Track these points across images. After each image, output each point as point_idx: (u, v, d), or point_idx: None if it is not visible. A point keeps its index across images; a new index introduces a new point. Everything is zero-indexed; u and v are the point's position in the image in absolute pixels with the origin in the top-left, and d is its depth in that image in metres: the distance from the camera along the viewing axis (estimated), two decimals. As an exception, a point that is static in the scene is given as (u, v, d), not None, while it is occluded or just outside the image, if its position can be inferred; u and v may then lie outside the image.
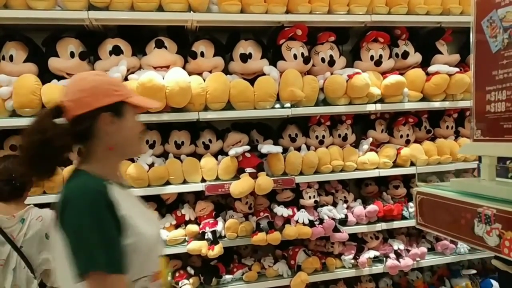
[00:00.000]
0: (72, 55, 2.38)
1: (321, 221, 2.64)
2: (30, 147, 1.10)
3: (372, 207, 2.77)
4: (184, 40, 2.57)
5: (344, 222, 2.76)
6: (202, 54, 2.53)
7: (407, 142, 2.91)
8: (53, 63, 2.35)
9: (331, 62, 2.64)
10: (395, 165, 2.83)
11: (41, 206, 2.17)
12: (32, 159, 1.11)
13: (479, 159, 0.87)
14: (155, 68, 2.45)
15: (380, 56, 2.76)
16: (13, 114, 2.25)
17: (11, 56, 2.31)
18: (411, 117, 2.91)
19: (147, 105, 1.34)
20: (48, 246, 1.90)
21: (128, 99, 1.22)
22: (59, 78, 2.37)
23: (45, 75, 2.35)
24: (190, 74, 2.41)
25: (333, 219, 2.67)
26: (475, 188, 0.83)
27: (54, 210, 1.12)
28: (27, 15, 2.22)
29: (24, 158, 1.13)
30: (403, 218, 2.86)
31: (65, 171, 1.93)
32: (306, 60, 2.55)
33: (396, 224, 2.84)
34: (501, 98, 0.76)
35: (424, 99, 2.80)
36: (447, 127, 3.03)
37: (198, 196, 2.68)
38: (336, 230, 2.65)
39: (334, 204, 2.85)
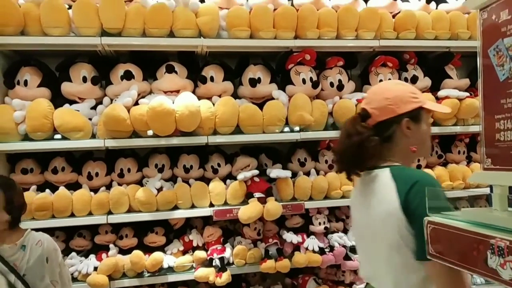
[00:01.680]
0: (84, 79, 2.43)
1: (332, 248, 2.59)
2: (349, 148, 1.31)
3: (383, 234, 2.70)
4: (194, 65, 2.61)
5: (355, 249, 2.69)
6: (212, 79, 2.56)
7: (419, 167, 2.86)
8: (66, 88, 2.41)
9: (340, 87, 2.65)
10: (407, 190, 2.77)
11: (48, 230, 2.17)
12: (350, 158, 1.32)
13: (490, 187, 0.84)
14: (165, 92, 2.48)
15: (389, 80, 2.75)
16: (25, 138, 2.28)
17: (25, 81, 2.37)
18: (422, 141, 2.86)
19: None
20: (49, 270, 1.86)
21: (424, 105, 1.36)
22: (71, 102, 2.42)
23: (58, 99, 2.40)
24: (199, 98, 2.44)
25: (344, 246, 2.61)
26: (487, 218, 0.80)
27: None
28: (43, 41, 2.29)
29: (341, 158, 1.38)
30: (416, 245, 2.78)
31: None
32: (315, 85, 2.56)
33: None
34: (511, 127, 0.74)
35: (434, 123, 2.77)
36: (459, 152, 2.98)
37: (206, 221, 2.66)
38: (347, 258, 2.59)
39: (345, 231, 2.79)
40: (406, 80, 2.83)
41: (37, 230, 2.30)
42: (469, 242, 0.82)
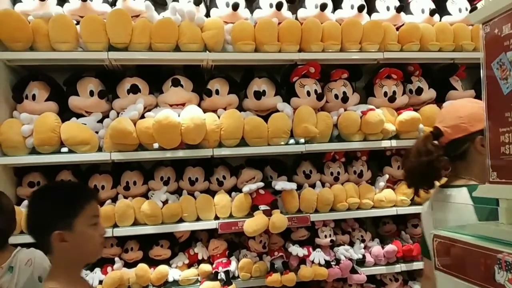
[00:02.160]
0: (91, 93, 2.46)
1: (338, 261, 2.56)
2: (418, 167, 1.33)
3: (390, 247, 2.67)
4: (199, 78, 2.64)
5: (361, 262, 2.67)
6: (217, 92, 2.58)
7: (425, 179, 2.84)
8: (73, 102, 2.43)
9: (345, 99, 2.65)
10: (413, 203, 2.75)
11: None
12: (419, 176, 1.35)
13: (497, 201, 0.84)
14: (171, 105, 2.50)
15: (394, 92, 2.76)
16: (32, 151, 2.30)
17: (34, 95, 2.40)
18: (428, 153, 2.85)
19: None
20: None
21: None
22: (78, 116, 2.45)
23: (65, 113, 2.42)
24: (205, 111, 2.45)
25: (350, 259, 2.58)
26: (493, 232, 0.79)
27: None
28: (51, 56, 2.32)
29: (410, 175, 1.42)
30: (424, 258, 2.75)
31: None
32: (320, 97, 2.57)
33: (416, 265, 2.72)
34: (515, 140, 0.74)
35: (440, 135, 2.76)
36: (466, 163, 2.96)
37: (211, 234, 2.65)
38: (353, 271, 2.56)
39: (351, 244, 2.77)
40: (411, 91, 2.83)
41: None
42: (476, 257, 0.81)
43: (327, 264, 2.51)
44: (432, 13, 2.80)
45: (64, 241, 1.28)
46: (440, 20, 2.88)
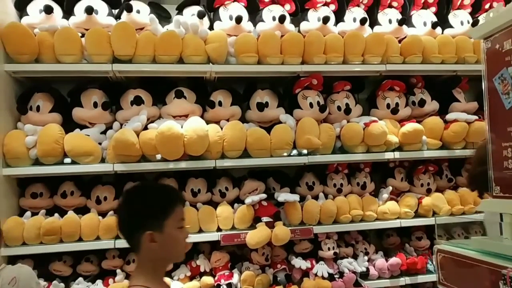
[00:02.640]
0: (95, 105, 2.47)
1: (341, 274, 2.53)
2: (480, 174, 1.30)
3: (394, 260, 2.64)
4: (203, 90, 2.65)
5: (365, 275, 2.64)
6: (220, 104, 2.59)
7: (428, 191, 2.82)
8: (77, 113, 2.45)
9: (347, 110, 2.66)
10: (417, 215, 2.74)
11: (56, 255, 2.17)
12: (482, 183, 1.31)
13: (500, 215, 0.83)
14: (174, 117, 2.51)
15: (397, 104, 2.76)
16: (36, 162, 2.31)
17: (38, 106, 2.42)
18: (432, 165, 2.84)
19: None
20: None
21: None
22: (82, 127, 2.46)
23: (69, 125, 2.44)
24: (208, 122, 2.46)
25: (354, 272, 2.55)
26: (497, 247, 0.79)
27: None
28: (56, 68, 2.35)
29: (474, 181, 1.56)
30: (428, 272, 2.71)
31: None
32: (322, 109, 2.58)
33: (421, 279, 2.69)
34: (518, 155, 0.74)
35: (443, 147, 2.76)
36: (470, 175, 2.94)
37: (214, 246, 2.63)
38: (357, 284, 2.53)
39: (355, 256, 2.74)
40: (413, 103, 2.84)
41: (45, 255, 2.33)
42: (480, 272, 0.80)
43: (331, 277, 2.48)
44: (434, 26, 2.82)
45: (153, 241, 1.29)
46: (442, 33, 2.90)
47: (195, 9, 2.66)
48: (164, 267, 1.45)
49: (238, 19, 2.53)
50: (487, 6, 2.98)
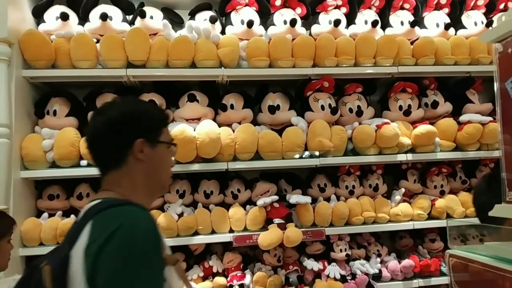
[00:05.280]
0: (110, 109, 2.52)
1: (354, 276, 2.53)
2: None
3: (407, 262, 2.63)
4: (215, 93, 2.68)
5: (378, 277, 2.63)
6: (232, 107, 2.62)
7: (442, 193, 2.80)
8: (93, 117, 2.49)
9: (359, 113, 2.66)
10: (430, 217, 2.72)
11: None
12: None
13: (513, 221, 0.83)
14: (187, 120, 2.54)
15: (409, 106, 2.75)
16: (53, 165, 2.37)
17: (54, 110, 2.48)
18: (445, 167, 2.82)
19: None
20: None
21: None
22: (97, 130, 2.50)
23: (85, 128, 2.48)
24: (220, 125, 2.48)
25: (366, 274, 2.55)
26: (510, 253, 0.78)
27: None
28: (72, 73, 2.41)
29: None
30: (442, 274, 2.69)
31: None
32: (334, 111, 2.58)
33: (434, 281, 2.67)
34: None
35: (457, 148, 2.73)
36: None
37: (226, 247, 2.66)
38: (369, 286, 2.52)
39: (367, 258, 2.73)
40: (426, 105, 2.82)
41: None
42: (493, 278, 0.80)
43: (343, 279, 2.49)
44: (447, 27, 2.80)
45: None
46: (455, 34, 2.87)
47: (207, 14, 2.70)
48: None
49: (250, 23, 2.55)
50: (501, 6, 2.95)
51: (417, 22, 2.76)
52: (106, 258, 0.87)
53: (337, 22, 2.63)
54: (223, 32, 2.67)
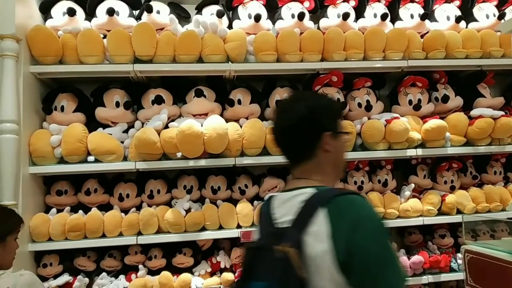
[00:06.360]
0: (117, 104, 2.52)
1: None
2: None
3: (417, 258, 2.60)
4: (222, 88, 2.67)
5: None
6: (239, 102, 2.60)
7: (452, 189, 2.76)
8: (100, 113, 2.50)
9: (368, 107, 2.62)
10: (440, 212, 2.69)
11: (80, 250, 2.21)
12: None
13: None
14: (194, 115, 2.53)
15: (419, 100, 2.71)
16: (61, 160, 2.37)
17: (62, 106, 2.48)
18: (455, 162, 2.78)
19: None
20: None
21: None
22: (105, 126, 2.51)
23: (92, 124, 2.49)
24: (227, 121, 2.47)
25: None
26: (528, 249, 0.76)
27: None
28: (79, 69, 2.40)
29: None
30: (452, 270, 2.66)
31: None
32: (342, 106, 2.55)
33: (444, 277, 2.64)
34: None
35: (468, 143, 2.69)
36: (495, 172, 2.87)
37: (234, 242, 2.65)
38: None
39: (376, 254, 2.71)
40: (436, 99, 2.78)
41: (70, 250, 2.39)
42: (510, 274, 0.78)
43: (351, 275, 2.46)
44: (458, 20, 2.75)
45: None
46: (466, 27, 2.82)
47: (214, 8, 2.68)
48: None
49: (257, 18, 2.53)
50: (514, -2, 2.89)
51: (428, 15, 2.72)
52: (362, 242, 0.97)
53: (345, 16, 2.59)
54: (230, 27, 2.65)
